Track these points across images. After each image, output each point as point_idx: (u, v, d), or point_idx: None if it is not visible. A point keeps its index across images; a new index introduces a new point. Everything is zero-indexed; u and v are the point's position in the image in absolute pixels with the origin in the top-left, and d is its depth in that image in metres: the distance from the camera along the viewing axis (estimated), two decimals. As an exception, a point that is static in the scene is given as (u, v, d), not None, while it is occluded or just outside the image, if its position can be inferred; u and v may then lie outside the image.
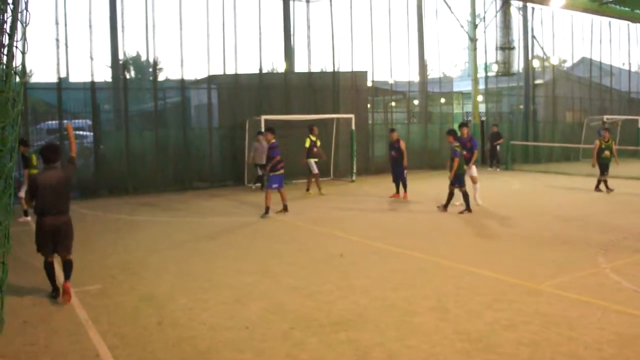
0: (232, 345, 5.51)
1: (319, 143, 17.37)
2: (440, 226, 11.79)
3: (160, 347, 5.53)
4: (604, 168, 16.24)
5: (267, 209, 13.17)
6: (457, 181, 13.00)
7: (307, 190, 17.09)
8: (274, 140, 13.17)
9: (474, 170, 14.10)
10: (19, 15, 3.39)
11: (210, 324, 6.10)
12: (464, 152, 13.49)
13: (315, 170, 17.00)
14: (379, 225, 12.11)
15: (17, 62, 3.48)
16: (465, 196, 13.01)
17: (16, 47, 3.40)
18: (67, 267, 7.23)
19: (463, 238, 10.57)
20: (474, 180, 14.00)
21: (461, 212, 12.97)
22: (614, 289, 7.10)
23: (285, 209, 13.55)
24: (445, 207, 13.35)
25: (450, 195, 13.31)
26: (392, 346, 5.40)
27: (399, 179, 15.86)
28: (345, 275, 8.03)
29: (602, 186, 16.33)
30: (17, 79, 3.50)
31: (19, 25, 3.40)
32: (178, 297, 7.10)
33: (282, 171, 13.22)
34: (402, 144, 15.73)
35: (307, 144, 16.96)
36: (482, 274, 7.90)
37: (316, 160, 17.13)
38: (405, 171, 15.82)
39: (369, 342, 5.52)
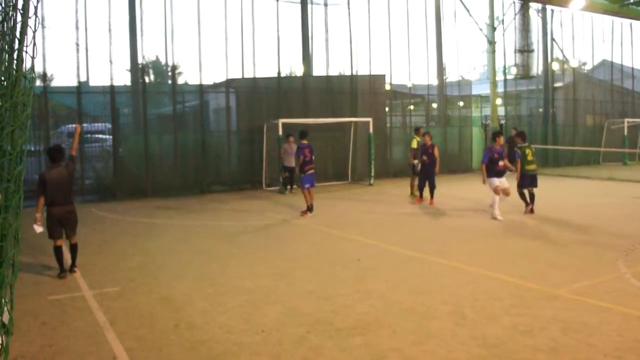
0: (248, 349, 5.52)
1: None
2: (458, 230, 11.71)
3: (177, 349, 5.55)
4: None
5: (310, 207, 13.88)
6: (523, 183, 13.29)
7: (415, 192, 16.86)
8: (305, 142, 13.88)
9: (504, 180, 13.10)
10: (29, 20, 3.44)
11: (227, 327, 6.12)
12: (502, 164, 13.03)
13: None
14: (396, 229, 12.07)
15: (26, 66, 3.54)
16: (531, 197, 13.33)
17: (26, 51, 3.45)
18: (74, 250, 8.62)
19: (481, 242, 10.48)
20: (506, 192, 12.99)
21: (526, 212, 13.27)
22: (634, 294, 6.99)
23: (310, 209, 13.95)
24: (528, 208, 13.35)
25: (522, 196, 13.43)
26: (409, 351, 5.37)
27: (427, 185, 15.44)
28: (362, 279, 8.01)
29: None
30: (27, 84, 3.55)
31: (28, 30, 3.45)
32: (195, 300, 7.13)
33: (312, 171, 13.86)
34: (436, 150, 15.39)
35: (414, 145, 16.67)
36: (500, 278, 7.83)
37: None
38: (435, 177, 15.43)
39: (385, 346, 5.49)
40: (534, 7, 27.91)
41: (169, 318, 6.47)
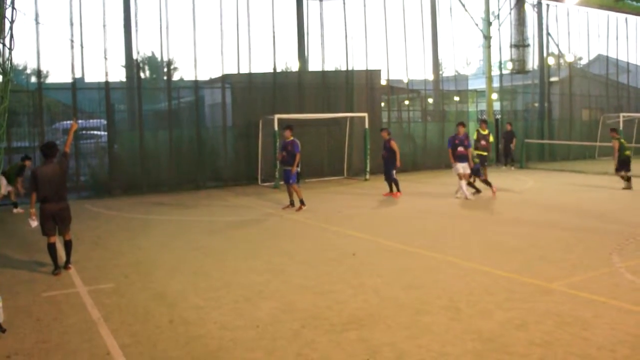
0: (242, 344, 5.52)
1: (492, 139, 18.41)
2: (452, 225, 11.73)
3: (171, 345, 5.55)
4: None
5: (296, 201, 13.98)
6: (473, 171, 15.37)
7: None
8: (292, 138, 13.90)
9: (466, 166, 15.10)
10: (5, 11, 3.38)
11: (221, 323, 6.12)
12: (462, 149, 14.91)
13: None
14: (391, 224, 12.07)
15: (4, 58, 3.49)
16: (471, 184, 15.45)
17: (2, 43, 3.40)
18: (68, 247, 8.61)
19: (475, 237, 10.49)
20: (466, 177, 15.30)
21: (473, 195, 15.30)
22: (628, 288, 7.01)
23: (292, 204, 14.08)
24: (490, 193, 15.40)
25: (470, 183, 15.48)
26: (403, 346, 5.38)
27: (389, 178, 16.06)
28: (356, 274, 8.02)
29: None
30: (4, 76, 3.50)
31: (5, 22, 3.40)
32: (189, 296, 7.13)
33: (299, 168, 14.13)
34: (393, 144, 15.91)
35: (475, 137, 17.57)
36: (494, 273, 7.85)
37: (484, 153, 17.29)
38: (394, 171, 15.88)
39: (380, 341, 5.50)
40: (530, 1, 27.91)
41: (164, 314, 6.46)
